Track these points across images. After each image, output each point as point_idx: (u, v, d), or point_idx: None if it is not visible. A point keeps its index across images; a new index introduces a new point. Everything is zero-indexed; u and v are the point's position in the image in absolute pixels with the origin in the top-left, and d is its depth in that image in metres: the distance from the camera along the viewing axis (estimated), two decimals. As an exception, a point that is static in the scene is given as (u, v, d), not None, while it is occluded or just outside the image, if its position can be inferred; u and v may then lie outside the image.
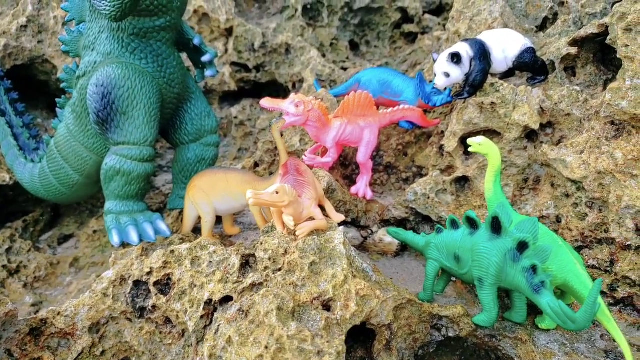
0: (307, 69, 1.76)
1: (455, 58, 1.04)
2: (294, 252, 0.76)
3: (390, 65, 2.01)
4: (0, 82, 1.43)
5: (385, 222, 1.17)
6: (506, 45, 1.06)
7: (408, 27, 2.07)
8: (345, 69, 1.92)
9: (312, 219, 0.82)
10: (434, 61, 1.11)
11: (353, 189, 1.21)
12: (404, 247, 1.13)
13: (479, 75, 1.05)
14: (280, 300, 0.70)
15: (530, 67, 1.06)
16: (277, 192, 0.73)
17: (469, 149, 0.89)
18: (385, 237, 1.12)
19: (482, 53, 1.05)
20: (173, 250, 0.87)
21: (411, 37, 2.08)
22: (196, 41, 1.17)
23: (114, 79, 1.00)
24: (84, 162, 1.18)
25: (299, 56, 1.84)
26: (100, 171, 1.10)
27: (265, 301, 0.70)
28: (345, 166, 1.34)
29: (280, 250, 0.78)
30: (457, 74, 1.06)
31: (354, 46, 2.10)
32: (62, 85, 1.17)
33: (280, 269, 0.77)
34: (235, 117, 1.85)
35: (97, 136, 1.13)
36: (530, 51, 1.05)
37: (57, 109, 1.22)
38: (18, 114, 1.42)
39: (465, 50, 1.06)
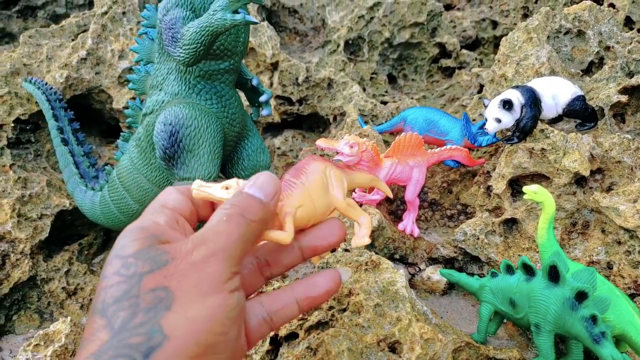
0: (349, 103, 1.82)
1: (507, 105, 1.08)
2: (359, 294, 0.80)
3: (427, 99, 2.06)
4: (64, 113, 1.51)
5: (432, 260, 1.20)
6: (557, 93, 1.10)
7: (445, 62, 2.11)
8: (385, 103, 1.96)
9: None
10: (485, 106, 1.15)
11: (400, 226, 1.25)
12: (451, 286, 1.16)
13: (530, 121, 1.09)
14: (349, 341, 0.74)
15: (580, 114, 1.09)
16: (227, 188, 0.53)
17: (524, 197, 0.92)
18: (433, 275, 1.15)
19: (533, 100, 1.09)
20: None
21: (448, 72, 2.13)
22: (254, 82, 1.23)
23: (181, 119, 1.06)
24: (144, 193, 1.24)
25: (340, 90, 1.89)
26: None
27: (335, 341, 0.74)
28: (391, 202, 1.38)
29: (344, 290, 0.82)
30: (508, 119, 1.10)
31: (391, 80, 2.15)
32: (126, 121, 1.23)
33: (345, 310, 0.81)
34: (278, 148, 1.91)
35: (160, 169, 1.19)
36: (580, 99, 1.08)
37: (119, 142, 1.29)
38: (79, 143, 1.49)
39: (516, 96, 1.10)
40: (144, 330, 0.38)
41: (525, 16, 1.90)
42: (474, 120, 1.47)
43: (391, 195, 0.61)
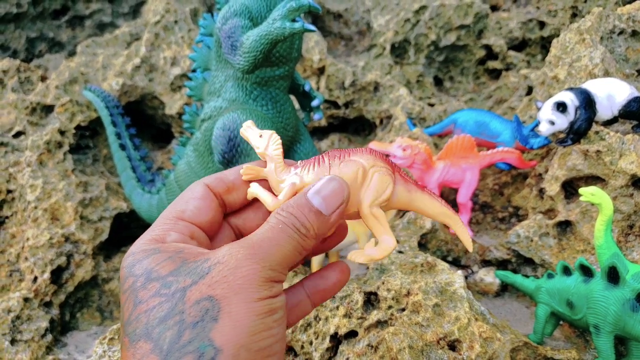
0: (396, 106, 1.83)
1: (561, 107, 1.08)
2: (417, 294, 0.82)
3: (474, 101, 2.05)
4: (122, 119, 1.58)
5: (485, 263, 1.20)
6: (612, 94, 1.09)
7: (492, 64, 2.10)
8: (432, 105, 1.97)
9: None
10: (538, 109, 1.15)
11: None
12: (504, 288, 1.16)
13: (584, 123, 1.08)
14: (409, 339, 0.75)
15: (637, 115, 1.08)
16: (260, 136, 0.53)
17: (581, 198, 0.92)
18: (486, 277, 1.16)
19: (588, 102, 1.08)
20: (295, 285, 0.94)
21: (495, 74, 2.11)
22: (306, 87, 1.26)
23: (239, 124, 1.10)
24: (201, 196, 1.28)
25: (387, 93, 1.90)
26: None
27: (396, 339, 0.76)
28: (441, 204, 1.38)
29: (403, 290, 0.84)
30: (562, 122, 1.10)
31: (438, 82, 2.15)
32: (184, 126, 1.29)
33: (404, 309, 0.83)
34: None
35: (217, 172, 1.23)
36: (637, 100, 1.07)
37: (176, 146, 1.34)
38: (136, 148, 1.56)
39: (570, 98, 1.09)
40: (194, 347, 0.37)
41: (574, 16, 1.88)
42: (524, 122, 1.47)
43: (471, 249, 0.59)
